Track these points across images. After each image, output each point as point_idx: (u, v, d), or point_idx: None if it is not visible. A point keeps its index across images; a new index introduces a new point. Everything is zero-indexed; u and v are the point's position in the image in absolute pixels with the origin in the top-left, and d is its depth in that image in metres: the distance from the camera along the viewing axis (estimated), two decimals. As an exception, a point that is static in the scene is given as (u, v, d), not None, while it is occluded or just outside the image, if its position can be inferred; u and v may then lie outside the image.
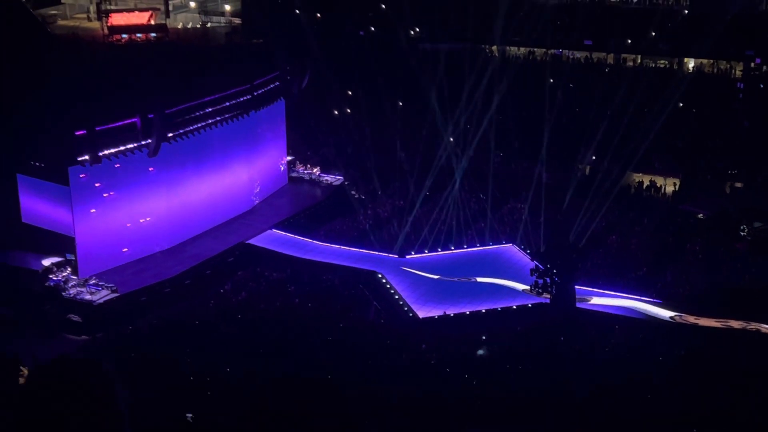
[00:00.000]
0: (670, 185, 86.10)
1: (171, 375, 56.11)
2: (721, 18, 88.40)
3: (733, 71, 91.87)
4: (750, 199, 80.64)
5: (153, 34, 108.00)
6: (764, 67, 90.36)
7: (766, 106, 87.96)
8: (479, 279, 69.08)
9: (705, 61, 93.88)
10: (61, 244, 67.16)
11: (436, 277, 69.62)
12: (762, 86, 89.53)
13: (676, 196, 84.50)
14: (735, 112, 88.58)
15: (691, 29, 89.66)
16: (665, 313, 63.45)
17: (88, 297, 64.92)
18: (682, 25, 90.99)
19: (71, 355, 54.92)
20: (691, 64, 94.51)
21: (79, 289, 65.55)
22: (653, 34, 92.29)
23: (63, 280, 66.18)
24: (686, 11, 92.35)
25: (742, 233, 76.47)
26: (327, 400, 53.48)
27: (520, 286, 67.55)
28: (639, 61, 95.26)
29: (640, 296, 65.23)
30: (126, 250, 69.93)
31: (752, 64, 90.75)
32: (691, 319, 62.72)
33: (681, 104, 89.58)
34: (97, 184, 66.99)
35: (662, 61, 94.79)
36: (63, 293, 65.25)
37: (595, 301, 65.06)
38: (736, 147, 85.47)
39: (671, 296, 65.70)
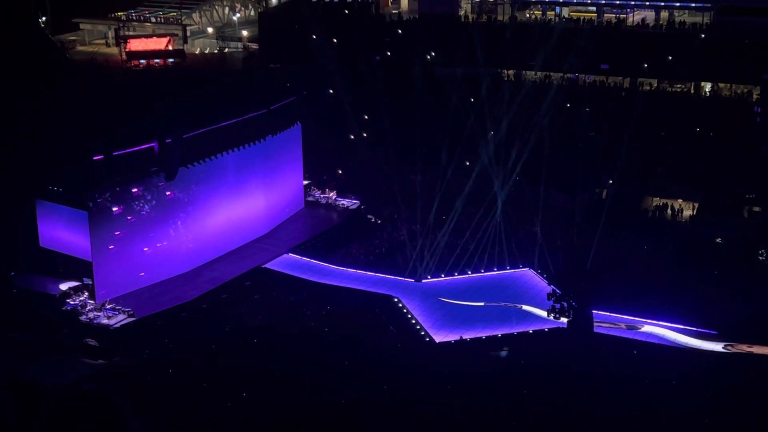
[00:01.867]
0: (688, 209, 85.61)
1: (187, 401, 56.10)
2: (738, 42, 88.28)
3: (751, 95, 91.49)
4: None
5: (171, 60, 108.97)
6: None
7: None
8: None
9: (722, 85, 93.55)
10: (79, 268, 67.45)
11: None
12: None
13: (694, 220, 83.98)
14: (752, 136, 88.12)
15: (708, 53, 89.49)
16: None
17: (105, 321, 65.09)
18: (699, 49, 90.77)
19: (84, 384, 55.16)
20: (707, 87, 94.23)
21: (96, 313, 65.75)
22: (670, 58, 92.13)
23: (80, 304, 66.37)
24: (703, 35, 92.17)
25: (760, 258, 75.91)
26: (343, 423, 53.39)
27: (537, 311, 67.26)
28: (655, 84, 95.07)
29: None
30: (143, 274, 70.08)
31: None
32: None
33: (698, 128, 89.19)
34: (114, 209, 67.31)
35: (679, 85, 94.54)
36: (80, 317, 65.46)
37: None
38: (753, 171, 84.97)
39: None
